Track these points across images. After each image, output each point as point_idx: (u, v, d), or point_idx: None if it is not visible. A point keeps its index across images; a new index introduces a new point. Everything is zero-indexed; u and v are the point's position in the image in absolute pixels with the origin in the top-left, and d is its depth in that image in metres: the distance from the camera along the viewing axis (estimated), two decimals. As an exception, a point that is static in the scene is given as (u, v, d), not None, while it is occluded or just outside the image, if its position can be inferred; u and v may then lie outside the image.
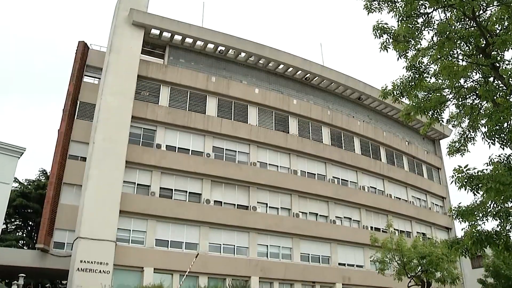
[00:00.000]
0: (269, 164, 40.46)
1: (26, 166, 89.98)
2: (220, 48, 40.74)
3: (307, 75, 45.09)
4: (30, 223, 49.29)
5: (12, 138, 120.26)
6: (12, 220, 48.15)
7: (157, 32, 38.71)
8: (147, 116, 36.23)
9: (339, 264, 40.92)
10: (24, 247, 45.52)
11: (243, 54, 41.75)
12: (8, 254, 33.16)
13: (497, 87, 12.72)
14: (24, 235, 49.47)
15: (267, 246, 37.77)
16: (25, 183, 48.85)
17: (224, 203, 37.20)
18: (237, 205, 37.74)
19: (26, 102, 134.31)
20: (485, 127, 12.80)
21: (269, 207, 39.15)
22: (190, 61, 40.40)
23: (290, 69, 44.06)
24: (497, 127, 12.21)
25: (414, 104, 14.41)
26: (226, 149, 38.82)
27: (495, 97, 12.65)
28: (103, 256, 30.28)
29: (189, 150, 37.32)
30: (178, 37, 39.11)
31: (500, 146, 12.45)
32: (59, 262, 33.18)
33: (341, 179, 44.56)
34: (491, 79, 13.16)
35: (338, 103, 47.99)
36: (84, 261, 29.61)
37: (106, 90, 34.41)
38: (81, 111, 37.38)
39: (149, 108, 36.62)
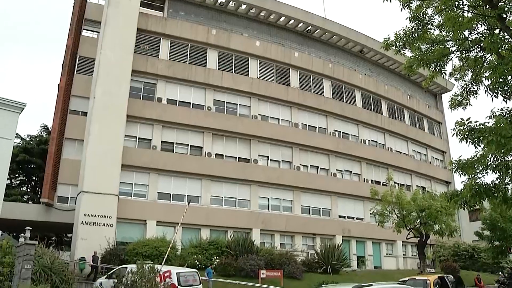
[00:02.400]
0: (270, 117, 40.43)
1: (28, 122, 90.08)
2: (220, 0, 39.97)
3: (308, 28, 44.42)
4: (34, 178, 49.66)
5: (12, 93, 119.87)
6: (16, 175, 48.47)
7: (155, -17, 37.92)
8: (148, 70, 35.93)
9: (339, 216, 41.52)
10: (29, 202, 46.01)
11: (243, 6, 41.00)
12: (14, 208, 33.56)
13: (502, 39, 12.43)
14: (29, 190, 49.96)
15: (268, 198, 38.22)
16: (27, 139, 48.94)
17: (225, 156, 37.40)
18: (238, 158, 37.96)
19: (25, 56, 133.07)
20: (488, 80, 12.64)
21: (270, 160, 39.39)
22: (190, 14, 39.72)
23: (292, 21, 43.37)
24: (500, 80, 12.05)
25: (417, 56, 14.17)
26: (227, 102, 38.71)
27: (500, 50, 12.40)
28: (106, 209, 30.72)
29: (190, 103, 37.21)
30: (177, -11, 38.32)
31: (503, 99, 12.32)
32: (63, 216, 33.70)
33: (342, 132, 44.63)
34: (497, 31, 12.86)
35: (340, 56, 47.49)
36: (88, 215, 30.08)
37: (105, 44, 33.95)
38: (81, 66, 37.05)
39: (149, 62, 36.26)
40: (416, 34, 13.57)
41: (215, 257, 30.20)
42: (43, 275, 17.36)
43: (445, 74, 14.45)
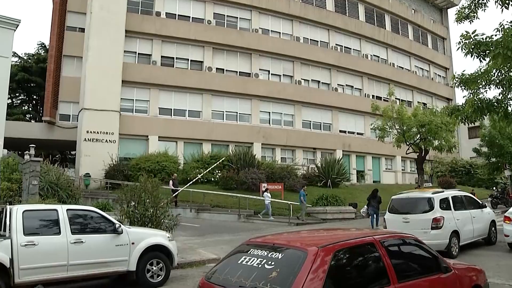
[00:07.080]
0: (271, 30, 39.60)
1: (24, 40, 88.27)
2: None
3: None
4: (35, 97, 49.62)
5: (3, 9, 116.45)
6: (17, 94, 48.39)
7: None
8: (145, -18, 34.76)
9: (340, 131, 41.81)
10: (31, 121, 46.25)
11: None
12: (17, 127, 33.84)
13: None
14: (30, 109, 50.06)
15: (269, 113, 38.31)
16: (25, 57, 48.35)
17: (226, 70, 37.06)
18: (239, 72, 37.63)
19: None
20: (500, -11, 12.12)
21: (271, 74, 39.07)
22: None
23: None
24: (513, -11, 11.57)
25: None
26: (227, 16, 37.76)
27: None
28: (108, 126, 30.98)
29: (189, 17, 36.31)
30: None
31: (514, 10, 11.92)
32: (66, 134, 34.03)
33: (344, 47, 43.87)
34: None
35: (343, -33, 45.70)
36: (90, 132, 30.42)
37: (99, -46, 32.56)
38: (75, -21, 35.78)
39: (146, -26, 35.00)
40: None
41: (216, 171, 30.81)
42: (50, 191, 17.83)
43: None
